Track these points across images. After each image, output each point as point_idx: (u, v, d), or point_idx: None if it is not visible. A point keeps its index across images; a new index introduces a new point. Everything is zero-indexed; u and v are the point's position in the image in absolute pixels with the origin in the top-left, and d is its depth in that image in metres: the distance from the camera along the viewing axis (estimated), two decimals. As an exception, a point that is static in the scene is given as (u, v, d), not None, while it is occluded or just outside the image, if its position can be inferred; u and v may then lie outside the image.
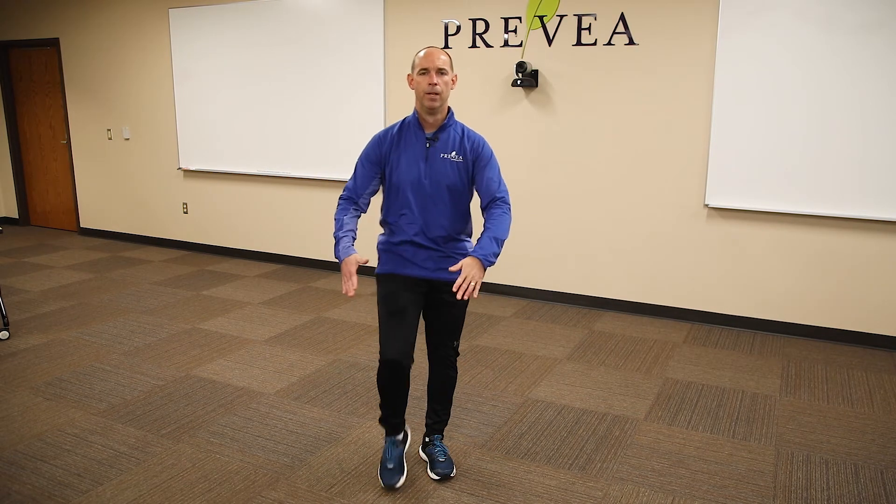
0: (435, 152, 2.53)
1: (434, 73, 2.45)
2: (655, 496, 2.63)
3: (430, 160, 2.53)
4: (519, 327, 4.60)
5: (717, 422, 3.25)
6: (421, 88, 2.47)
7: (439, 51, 2.50)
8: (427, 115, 2.52)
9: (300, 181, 6.07)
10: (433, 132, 2.55)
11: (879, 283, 4.20)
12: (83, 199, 7.55)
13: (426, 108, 2.50)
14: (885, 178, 4.04)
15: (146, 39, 6.62)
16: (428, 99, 2.46)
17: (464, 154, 2.54)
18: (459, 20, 5.12)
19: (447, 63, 2.49)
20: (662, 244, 4.75)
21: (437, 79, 2.45)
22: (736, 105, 4.34)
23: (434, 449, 2.79)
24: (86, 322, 4.63)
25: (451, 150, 2.54)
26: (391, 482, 2.66)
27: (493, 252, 2.43)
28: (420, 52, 2.51)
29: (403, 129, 2.57)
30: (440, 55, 2.48)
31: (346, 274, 2.44)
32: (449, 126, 2.56)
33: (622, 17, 4.59)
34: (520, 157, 5.08)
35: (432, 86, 2.44)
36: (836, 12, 4.01)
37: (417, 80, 2.48)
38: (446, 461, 2.74)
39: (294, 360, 3.97)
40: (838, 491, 2.67)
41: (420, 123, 2.55)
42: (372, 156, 2.59)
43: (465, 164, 2.54)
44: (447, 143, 2.54)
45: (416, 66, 2.48)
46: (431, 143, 2.54)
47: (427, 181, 2.53)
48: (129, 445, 2.97)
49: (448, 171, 2.53)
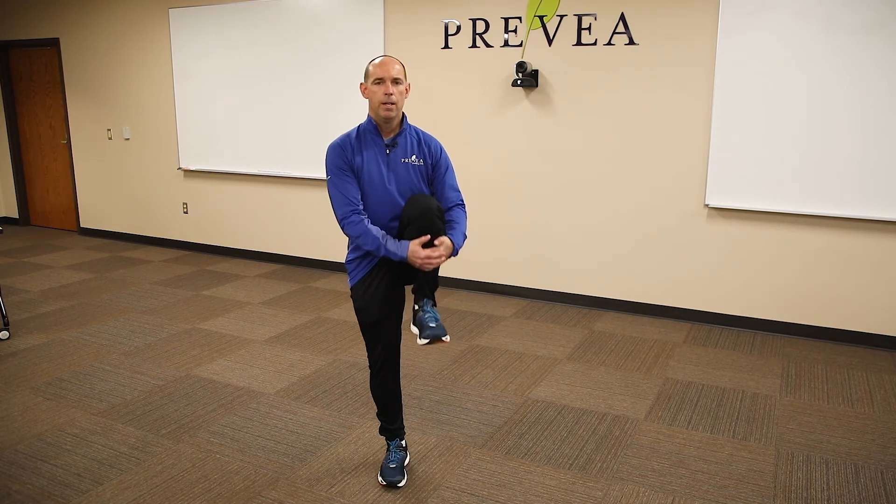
0: (396, 157, 2.57)
1: (389, 82, 2.48)
2: (655, 496, 2.63)
3: (392, 165, 2.56)
4: (519, 327, 4.60)
5: (717, 422, 3.25)
6: (377, 98, 2.50)
7: (393, 60, 2.54)
8: (383, 124, 2.55)
9: (300, 181, 6.07)
10: (391, 138, 2.58)
11: (880, 283, 4.20)
12: (83, 198, 7.56)
13: (382, 118, 2.52)
14: (886, 178, 4.04)
15: (146, 39, 6.62)
16: (384, 109, 2.49)
17: (423, 157, 2.61)
18: (459, 20, 5.12)
19: (401, 72, 2.53)
20: (662, 244, 4.75)
21: (392, 88, 2.48)
22: (736, 105, 4.34)
23: (424, 315, 2.56)
24: (86, 322, 4.63)
25: (410, 154, 2.59)
26: (393, 479, 2.66)
27: (460, 244, 2.57)
28: (374, 59, 2.55)
29: (360, 135, 2.59)
30: (395, 64, 2.52)
31: (422, 255, 2.42)
32: (405, 130, 2.61)
33: (622, 17, 4.59)
34: (519, 157, 5.08)
35: (388, 96, 2.47)
36: (836, 12, 4.00)
37: (372, 90, 2.51)
38: (437, 326, 2.51)
39: (294, 360, 3.97)
40: (838, 491, 2.67)
41: (377, 130, 2.58)
42: (341, 163, 2.54)
43: (424, 167, 2.61)
44: (406, 148, 2.59)
45: (371, 76, 2.51)
46: (391, 148, 2.57)
47: (392, 186, 2.56)
48: (130, 445, 2.97)
49: (410, 174, 2.58)
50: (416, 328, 2.60)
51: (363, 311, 2.63)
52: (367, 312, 2.62)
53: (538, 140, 5.00)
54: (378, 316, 2.62)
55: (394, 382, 2.73)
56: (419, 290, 2.65)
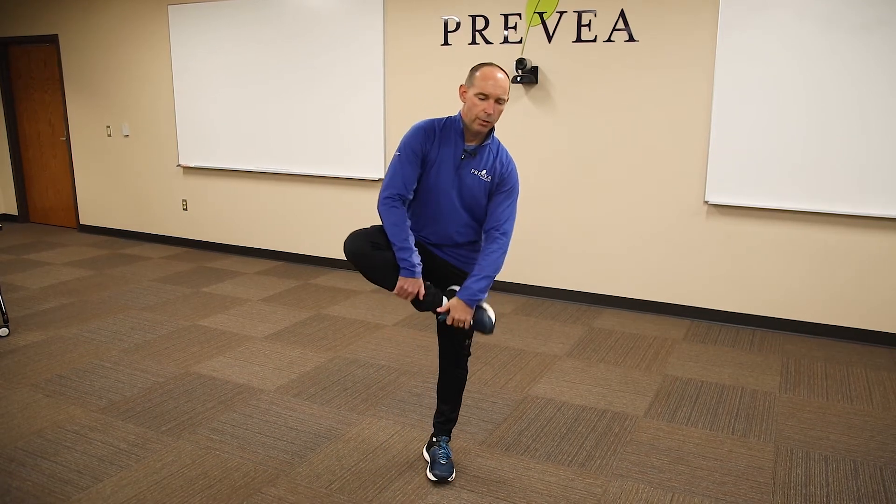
0: (468, 165, 2.50)
1: (493, 101, 2.39)
2: (655, 493, 2.63)
3: (462, 172, 2.49)
4: (519, 324, 4.60)
5: (716, 418, 3.25)
6: (474, 112, 2.41)
7: (504, 78, 2.41)
8: (472, 132, 2.48)
9: (300, 178, 6.07)
10: (473, 146, 2.50)
11: (879, 281, 4.20)
12: (83, 195, 7.55)
13: (474, 130, 2.45)
14: (885, 176, 4.03)
15: (145, 36, 6.61)
16: (479, 123, 2.42)
17: (493, 174, 2.52)
18: (459, 17, 5.11)
19: (507, 91, 2.42)
20: (662, 241, 4.75)
21: (493, 108, 2.39)
22: (736, 102, 4.33)
23: (438, 450, 2.75)
24: (85, 319, 4.63)
25: (482, 168, 2.51)
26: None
27: (479, 290, 2.48)
28: (483, 67, 2.42)
29: (446, 129, 2.50)
30: (503, 84, 2.39)
31: (410, 293, 2.45)
32: (488, 144, 2.52)
33: (622, 14, 4.58)
34: (519, 154, 5.03)
35: (488, 115, 2.40)
36: (836, 9, 4.00)
37: (472, 101, 2.41)
38: (447, 464, 2.70)
39: (294, 357, 3.98)
40: (837, 487, 2.68)
41: (462, 133, 2.50)
42: (417, 148, 2.46)
43: (490, 184, 2.52)
44: (481, 161, 2.51)
45: (476, 86, 2.39)
46: (468, 155, 2.50)
47: (454, 191, 2.50)
48: (129, 442, 2.98)
49: (474, 187, 2.51)
50: (427, 456, 2.79)
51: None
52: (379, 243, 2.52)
53: (537, 137, 5.00)
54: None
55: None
56: (439, 425, 2.79)
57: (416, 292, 2.47)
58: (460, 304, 2.49)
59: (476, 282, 2.48)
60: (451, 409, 2.79)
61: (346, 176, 5.78)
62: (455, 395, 2.78)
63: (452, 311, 2.49)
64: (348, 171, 5.77)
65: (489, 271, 2.49)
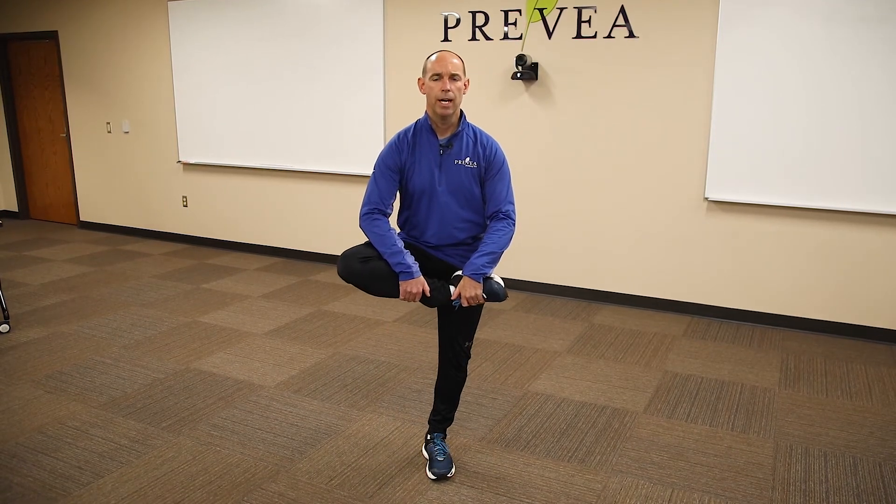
0: (449, 158, 2.49)
1: (447, 78, 2.38)
2: (654, 489, 2.64)
3: (445, 167, 2.49)
4: (518, 320, 4.60)
5: (716, 415, 3.25)
6: (433, 95, 2.41)
7: (451, 54, 2.43)
8: (440, 122, 2.47)
9: (300, 174, 6.07)
10: (447, 138, 2.50)
11: (879, 277, 4.21)
12: (83, 192, 7.55)
13: (438, 115, 2.44)
14: (885, 172, 4.03)
15: (145, 32, 6.61)
16: (440, 106, 2.41)
17: (477, 160, 2.50)
18: (459, 13, 5.10)
19: (460, 67, 2.42)
20: (662, 237, 4.75)
21: (449, 85, 2.38)
22: (736, 98, 4.33)
23: (434, 447, 2.75)
24: (86, 315, 4.64)
25: (465, 156, 2.49)
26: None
27: (482, 265, 2.46)
28: (432, 55, 2.45)
29: (416, 133, 2.51)
30: (452, 59, 2.41)
31: (416, 294, 2.45)
32: (462, 131, 2.51)
33: (622, 10, 4.58)
34: (519, 151, 5.07)
35: (445, 92, 2.38)
36: (836, 6, 3.99)
37: (429, 86, 2.42)
38: (444, 461, 2.71)
39: (294, 353, 3.98)
40: (836, 483, 2.68)
41: (432, 128, 2.50)
42: (391, 163, 2.49)
43: (478, 170, 2.51)
44: (461, 149, 2.49)
45: (428, 71, 2.42)
46: (445, 149, 2.49)
47: (441, 188, 2.49)
48: (130, 438, 2.98)
49: (462, 177, 2.50)
50: (426, 454, 2.80)
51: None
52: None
53: (537, 133, 5.00)
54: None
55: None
56: (435, 423, 2.80)
57: (421, 290, 2.47)
58: (468, 281, 2.47)
59: (479, 257, 2.47)
60: (448, 409, 2.80)
61: (346, 172, 5.78)
62: (453, 397, 2.79)
63: (462, 291, 2.46)
64: (348, 167, 5.77)
65: (493, 248, 2.48)
